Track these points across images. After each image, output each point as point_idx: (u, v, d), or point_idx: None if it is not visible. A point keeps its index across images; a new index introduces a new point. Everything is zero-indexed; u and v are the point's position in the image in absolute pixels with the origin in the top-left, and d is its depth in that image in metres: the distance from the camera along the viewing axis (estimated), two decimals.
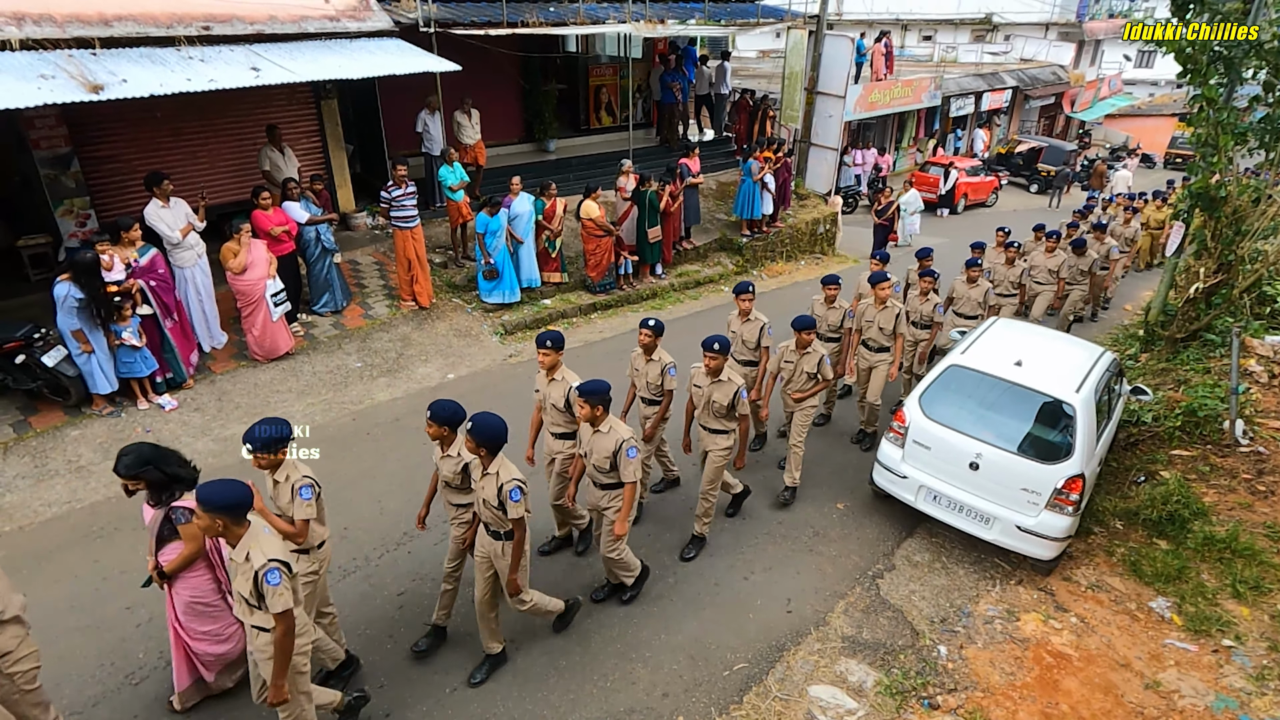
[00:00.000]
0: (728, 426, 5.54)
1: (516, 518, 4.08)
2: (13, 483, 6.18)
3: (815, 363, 6.16)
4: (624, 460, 4.58)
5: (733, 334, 6.66)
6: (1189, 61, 7.51)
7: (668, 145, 14.80)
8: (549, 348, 5.06)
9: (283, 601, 3.27)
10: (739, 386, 5.34)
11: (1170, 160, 29.56)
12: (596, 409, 4.54)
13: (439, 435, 4.37)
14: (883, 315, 7.00)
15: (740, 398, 5.34)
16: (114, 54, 7.18)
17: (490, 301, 9.82)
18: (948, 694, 4.69)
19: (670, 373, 5.63)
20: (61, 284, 6.33)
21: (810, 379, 6.24)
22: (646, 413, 5.89)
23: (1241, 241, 7.95)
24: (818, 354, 6.14)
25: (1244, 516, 6.04)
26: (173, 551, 3.90)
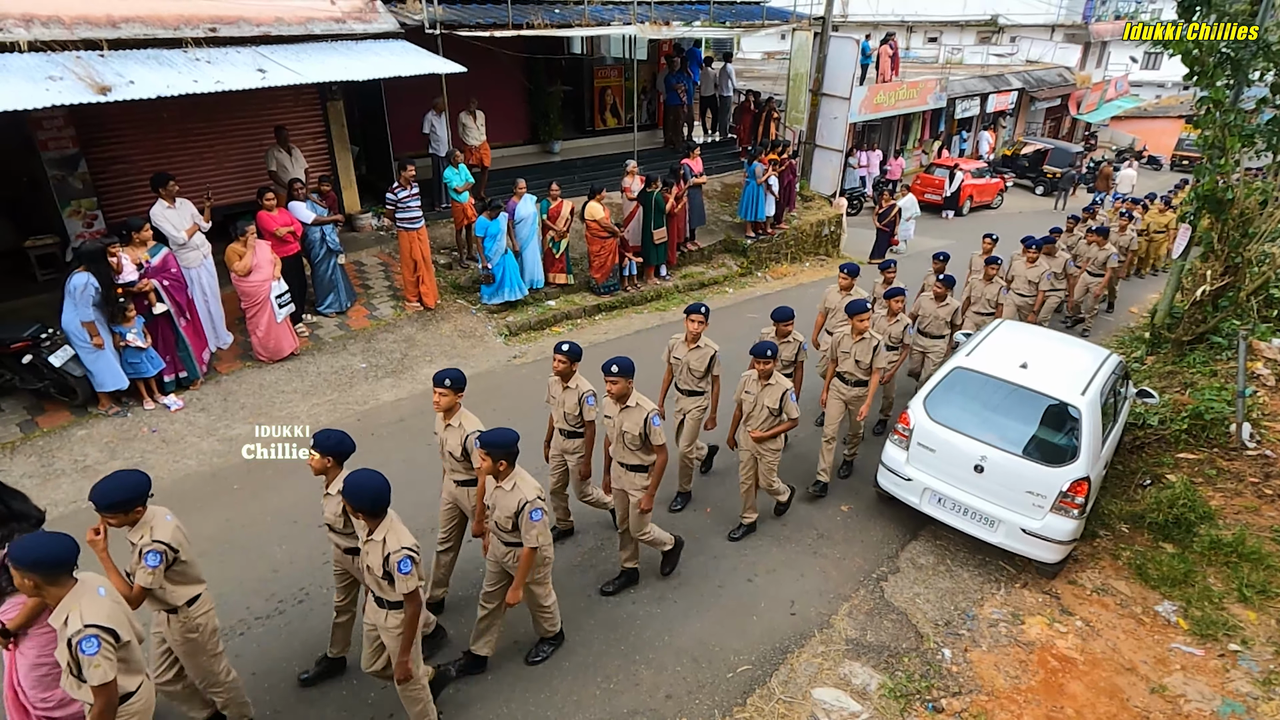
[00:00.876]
0: (645, 461, 4.95)
1: (408, 591, 3.57)
2: (19, 482, 6.19)
3: (778, 397, 5.43)
4: (525, 522, 4.02)
5: (676, 360, 6.05)
6: (1196, 63, 7.49)
7: (673, 147, 14.80)
8: (564, 353, 5.03)
9: (100, 674, 2.86)
10: (648, 412, 4.79)
11: (1177, 162, 29.47)
12: (499, 463, 3.98)
13: (322, 468, 4.00)
14: (860, 347, 6.32)
15: (652, 425, 4.76)
16: (121, 55, 7.21)
17: (493, 304, 9.83)
18: (952, 697, 4.67)
19: (589, 402, 5.14)
20: (79, 274, 6.40)
21: (773, 416, 5.52)
22: (567, 447, 5.35)
23: (1249, 244, 7.92)
24: (780, 387, 5.42)
25: (1251, 520, 6.01)
26: (14, 608, 3.30)
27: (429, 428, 7.30)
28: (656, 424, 4.76)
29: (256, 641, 4.80)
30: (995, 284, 8.41)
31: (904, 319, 7.09)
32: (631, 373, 4.76)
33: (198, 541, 5.58)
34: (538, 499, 4.03)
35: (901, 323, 7.08)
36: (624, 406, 4.80)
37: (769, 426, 5.50)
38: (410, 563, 3.51)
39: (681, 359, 5.96)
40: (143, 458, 6.61)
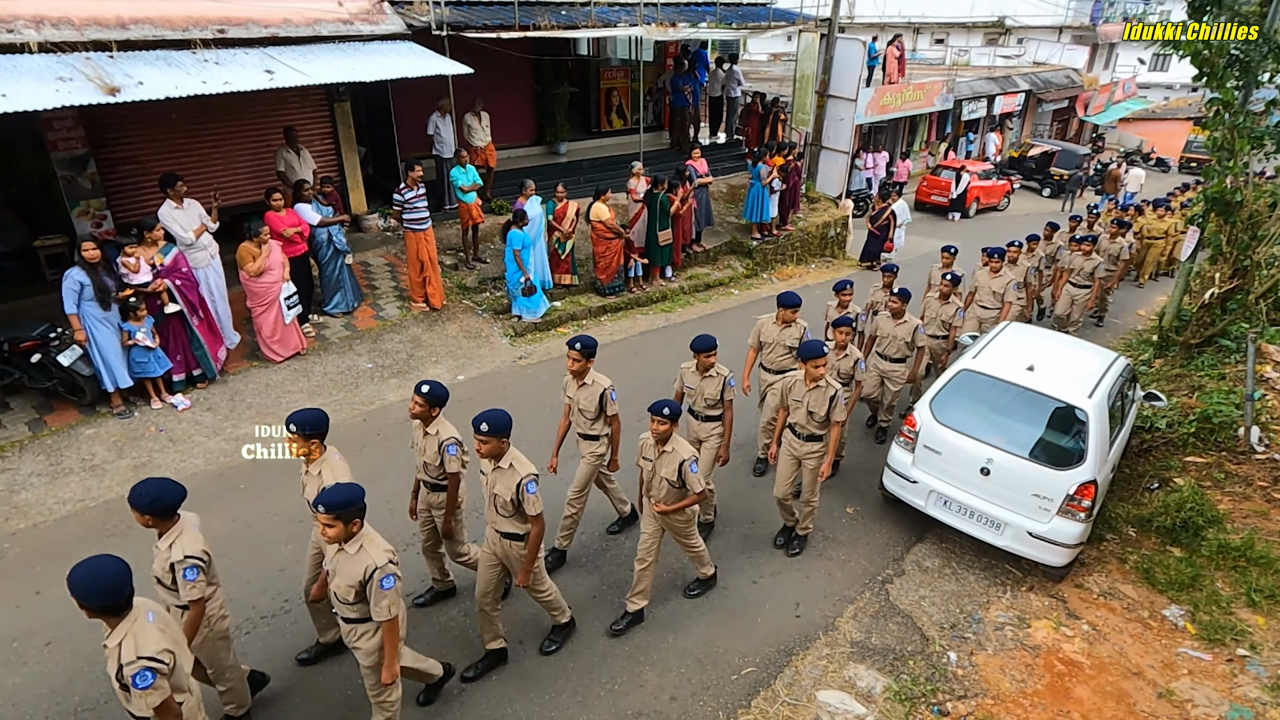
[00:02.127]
0: (822, 432, 5.36)
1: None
2: (28, 480, 6.24)
3: (675, 469, 4.58)
4: (526, 497, 4.08)
5: (691, 390, 5.61)
6: (1205, 64, 7.45)
7: (679, 148, 14.80)
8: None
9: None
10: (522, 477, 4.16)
11: (1185, 164, 29.32)
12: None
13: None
14: (814, 396, 5.37)
15: (526, 493, 4.16)
16: (130, 57, 7.25)
17: (528, 318, 9.77)
18: (957, 701, 4.66)
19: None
20: (73, 269, 6.47)
21: (674, 488, 4.67)
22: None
23: (1258, 246, 7.87)
24: (678, 456, 4.57)
25: (1259, 524, 5.97)
26: None
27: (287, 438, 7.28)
28: (531, 491, 4.11)
29: (262, 640, 4.82)
30: (951, 304, 7.76)
31: (854, 353, 6.32)
32: (506, 431, 4.10)
33: None
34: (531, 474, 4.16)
35: (851, 358, 6.31)
36: (497, 466, 4.15)
37: (673, 500, 4.71)
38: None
39: (695, 388, 5.53)
40: (150, 457, 6.65)
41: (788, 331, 6.48)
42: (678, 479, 4.60)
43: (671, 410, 4.53)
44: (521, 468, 4.12)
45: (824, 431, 5.43)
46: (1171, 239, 14.26)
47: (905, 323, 7.00)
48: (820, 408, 5.34)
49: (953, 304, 7.77)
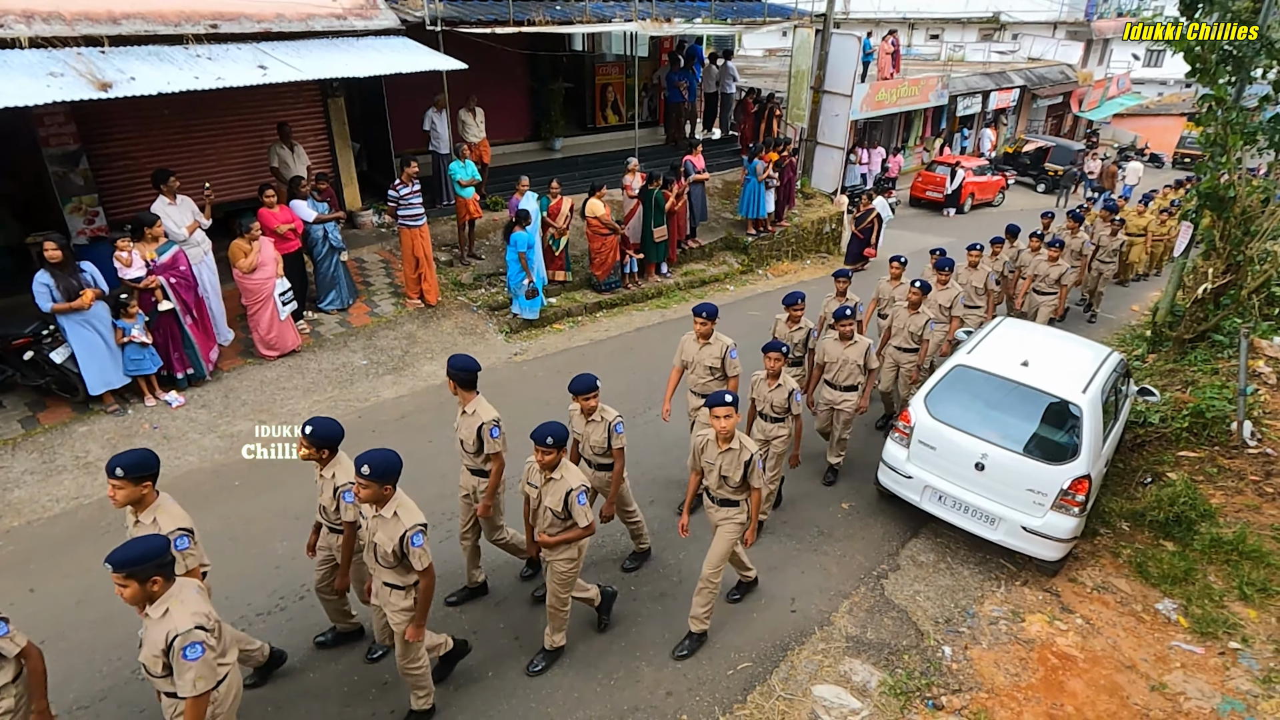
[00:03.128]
0: (739, 497, 4.67)
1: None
2: (21, 478, 6.22)
3: (561, 497, 4.18)
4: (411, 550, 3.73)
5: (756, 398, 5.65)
6: (1198, 61, 7.48)
7: (674, 144, 14.79)
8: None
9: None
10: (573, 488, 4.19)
11: (1179, 160, 29.42)
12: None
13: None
14: (776, 393, 5.54)
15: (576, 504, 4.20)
16: (122, 52, 7.21)
17: (529, 317, 9.74)
18: (952, 694, 4.68)
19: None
20: (39, 272, 6.44)
21: (559, 520, 4.26)
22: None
23: (1250, 242, 7.91)
24: (568, 484, 4.18)
25: (1252, 518, 6.01)
26: None
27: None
28: (417, 544, 3.73)
29: (258, 637, 4.80)
30: (922, 314, 7.10)
31: (788, 383, 5.55)
32: (392, 476, 3.73)
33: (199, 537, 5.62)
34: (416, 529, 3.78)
35: (785, 388, 5.54)
36: (378, 514, 3.76)
37: (558, 531, 4.30)
38: (585, 495, 4.08)
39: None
40: None
41: (798, 332, 6.61)
42: (563, 509, 4.20)
43: (556, 438, 4.10)
44: (408, 518, 3.68)
45: (740, 496, 4.65)
46: (1153, 236, 13.96)
47: (855, 344, 6.29)
48: (781, 401, 5.35)
49: (923, 314, 7.07)
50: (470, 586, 5.23)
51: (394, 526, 3.68)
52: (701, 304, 5.84)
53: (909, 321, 7.17)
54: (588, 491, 4.26)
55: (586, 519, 4.25)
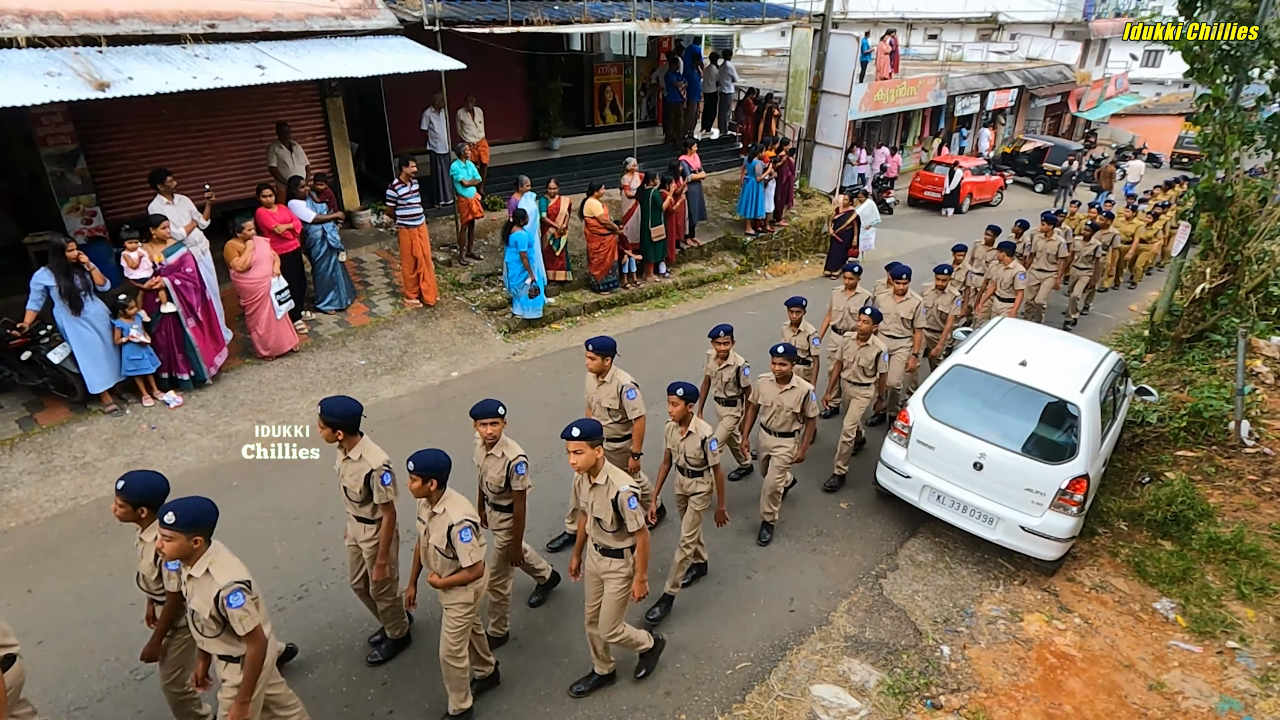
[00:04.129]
0: (620, 545, 4.09)
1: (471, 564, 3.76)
2: (19, 478, 6.21)
3: (444, 534, 3.74)
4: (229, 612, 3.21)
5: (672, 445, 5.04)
6: (1196, 60, 7.49)
7: (673, 144, 14.79)
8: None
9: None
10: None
11: (1176, 160, 29.46)
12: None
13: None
14: (688, 441, 4.83)
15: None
16: (120, 51, 7.20)
17: (530, 316, 9.74)
18: (950, 694, 4.69)
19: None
20: (39, 270, 6.44)
21: (445, 558, 3.80)
22: None
23: (1248, 242, 7.92)
24: (447, 519, 3.74)
25: (1249, 518, 6.02)
26: None
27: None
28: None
29: None
30: (872, 346, 6.46)
31: (701, 429, 4.82)
32: (205, 526, 3.26)
33: None
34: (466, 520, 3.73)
35: (699, 435, 4.79)
36: (190, 575, 3.27)
37: (448, 571, 3.84)
38: (470, 532, 3.68)
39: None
40: (142, 454, 6.62)
41: (726, 370, 6.00)
42: (448, 546, 3.76)
43: (432, 468, 3.71)
44: (221, 575, 3.20)
45: (623, 544, 4.12)
46: (1140, 240, 13.69)
47: (792, 389, 5.59)
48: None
49: (874, 346, 6.46)
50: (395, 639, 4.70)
51: (207, 586, 3.21)
52: (593, 338, 5.15)
53: (859, 354, 6.51)
54: (473, 527, 3.76)
55: (470, 559, 3.74)
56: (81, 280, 6.57)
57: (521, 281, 9.39)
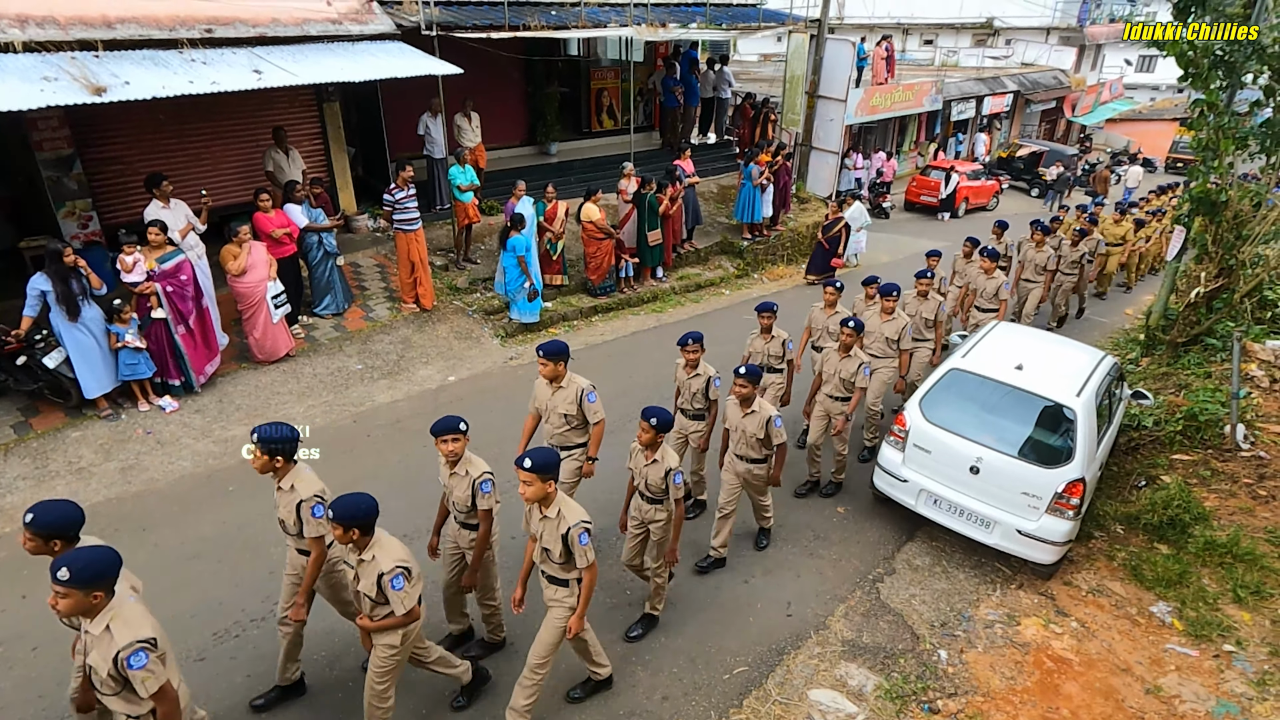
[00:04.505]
0: (567, 576, 3.94)
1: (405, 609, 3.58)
2: (13, 484, 6.18)
3: (374, 581, 3.54)
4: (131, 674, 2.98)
5: None
6: (1190, 65, 7.53)
7: (670, 149, 14.82)
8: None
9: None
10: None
11: (1171, 164, 29.59)
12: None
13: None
14: (652, 469, 4.55)
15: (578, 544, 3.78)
16: (117, 56, 7.20)
17: (527, 320, 9.73)
18: (948, 698, 4.68)
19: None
20: (36, 274, 6.43)
21: (377, 604, 3.62)
22: None
23: (1243, 246, 7.96)
24: (380, 566, 3.53)
25: (1245, 521, 6.03)
26: None
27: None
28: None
29: (252, 644, 4.79)
30: (854, 358, 6.24)
31: (667, 459, 4.53)
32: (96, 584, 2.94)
33: (193, 543, 5.60)
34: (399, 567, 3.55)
35: (664, 464, 4.52)
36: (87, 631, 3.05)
37: (380, 617, 3.66)
38: (403, 578, 3.49)
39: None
40: (137, 459, 6.60)
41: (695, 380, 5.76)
42: (378, 593, 3.55)
43: (352, 516, 3.46)
44: (122, 634, 2.93)
45: (569, 575, 3.96)
46: (1128, 248, 13.35)
47: (754, 413, 5.22)
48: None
49: (855, 358, 6.23)
50: (282, 685, 4.38)
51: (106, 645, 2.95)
52: (544, 343, 4.98)
53: (840, 367, 6.26)
54: (405, 574, 3.56)
55: (404, 606, 3.57)
56: (79, 285, 6.55)
57: (519, 285, 9.39)
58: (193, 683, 4.45)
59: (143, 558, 5.49)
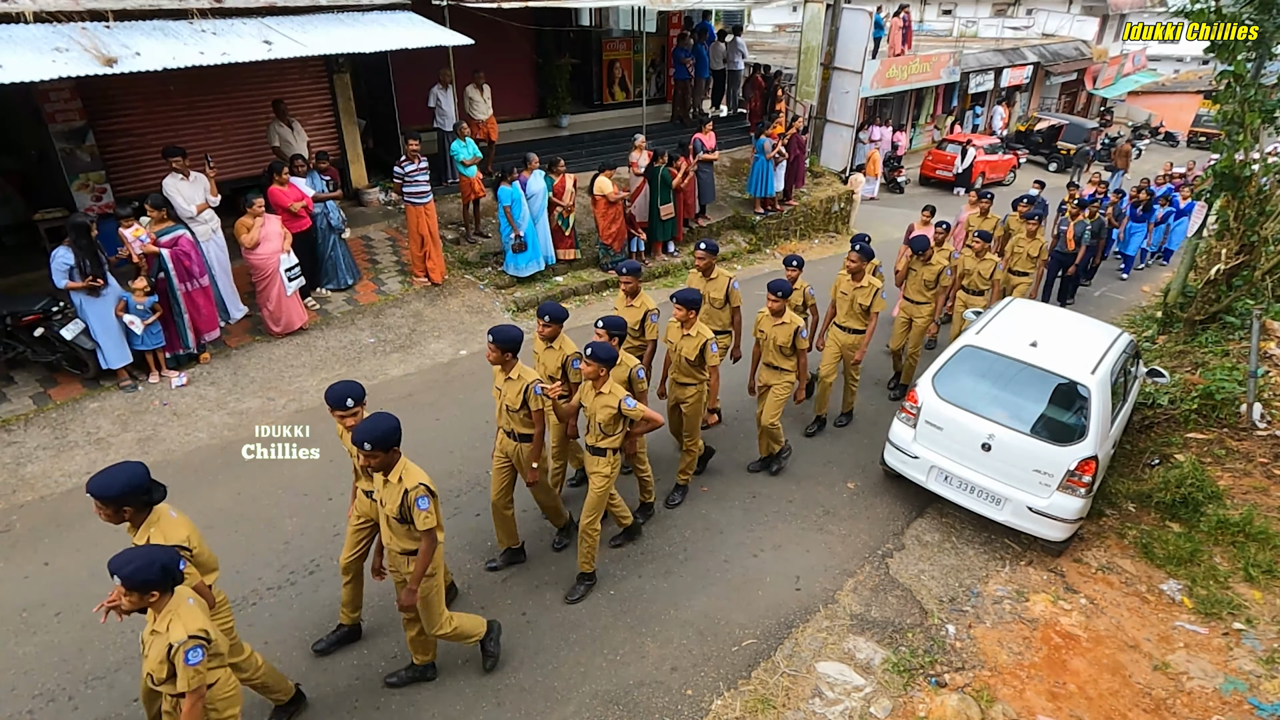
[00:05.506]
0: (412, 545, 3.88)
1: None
2: (34, 453, 6.29)
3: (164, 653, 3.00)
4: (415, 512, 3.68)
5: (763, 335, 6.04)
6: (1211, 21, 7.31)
7: (680, 121, 14.66)
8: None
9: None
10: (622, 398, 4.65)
11: (1194, 139, 29.00)
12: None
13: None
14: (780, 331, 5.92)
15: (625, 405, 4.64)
16: (127, 26, 7.15)
17: (521, 274, 9.84)
18: (955, 672, 4.72)
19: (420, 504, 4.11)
20: (58, 248, 6.46)
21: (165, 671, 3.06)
22: None
23: (1265, 222, 7.81)
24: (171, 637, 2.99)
25: (1259, 500, 6.00)
26: None
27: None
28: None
29: (269, 611, 4.88)
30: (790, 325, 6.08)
31: (617, 391, 4.74)
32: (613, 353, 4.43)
33: (209, 514, 5.68)
34: None
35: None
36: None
37: None
38: (200, 651, 3.01)
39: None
40: (154, 430, 6.68)
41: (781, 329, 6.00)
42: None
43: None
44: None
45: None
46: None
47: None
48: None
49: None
50: None
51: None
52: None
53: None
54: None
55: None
56: (103, 257, 6.60)
57: (507, 235, 9.53)
58: None
59: None
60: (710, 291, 6.40)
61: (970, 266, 8.26)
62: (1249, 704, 4.51)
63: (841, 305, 6.91)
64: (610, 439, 4.79)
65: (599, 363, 4.59)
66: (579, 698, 4.40)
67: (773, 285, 5.85)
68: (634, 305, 5.95)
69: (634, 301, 5.95)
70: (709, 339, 5.47)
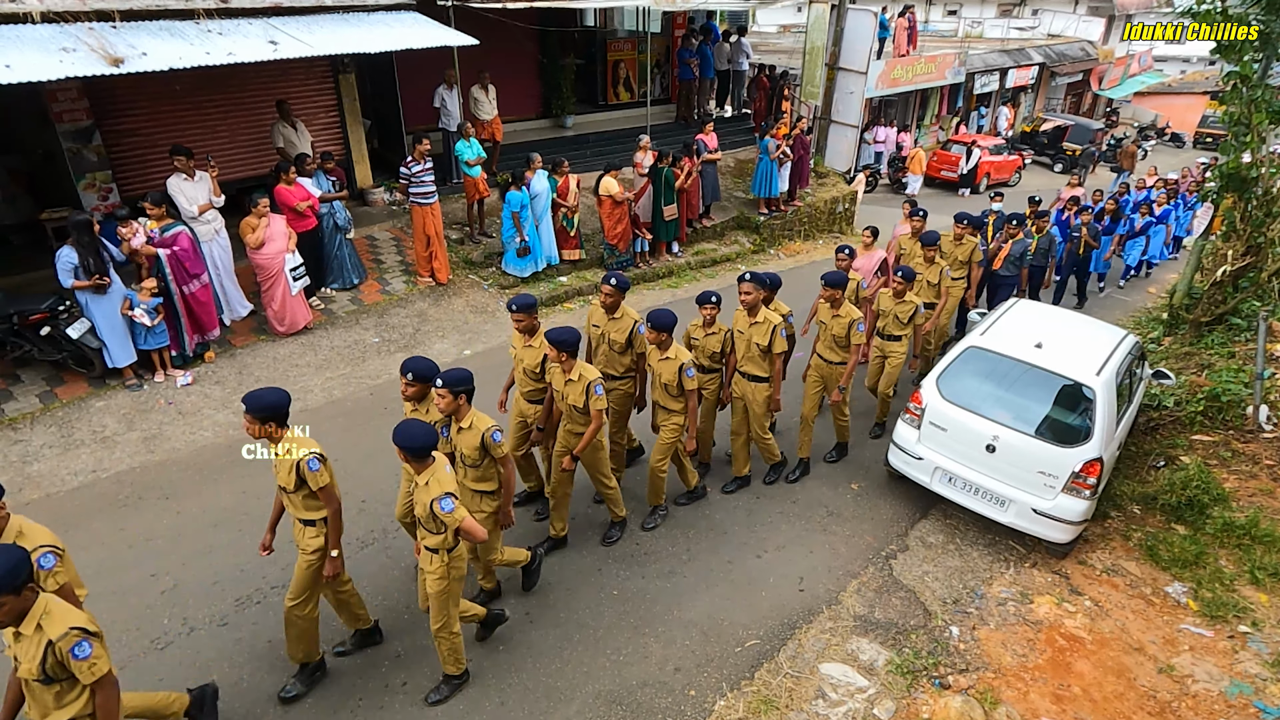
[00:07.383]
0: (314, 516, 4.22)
1: None
2: (40, 452, 6.31)
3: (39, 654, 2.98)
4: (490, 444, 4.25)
5: None
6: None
7: (685, 121, 14.65)
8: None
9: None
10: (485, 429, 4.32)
11: (1200, 140, 28.89)
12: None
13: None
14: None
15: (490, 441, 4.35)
16: (134, 26, 7.19)
17: (520, 275, 9.88)
18: (959, 674, 4.71)
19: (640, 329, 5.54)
20: (63, 247, 6.48)
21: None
22: None
23: (1272, 224, 7.78)
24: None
25: (1265, 503, 5.98)
26: None
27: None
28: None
29: (273, 610, 4.89)
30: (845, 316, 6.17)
31: (588, 374, 4.88)
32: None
33: (214, 511, 5.70)
34: None
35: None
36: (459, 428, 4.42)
37: None
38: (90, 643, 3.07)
39: None
40: (160, 429, 6.70)
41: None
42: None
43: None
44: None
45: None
46: None
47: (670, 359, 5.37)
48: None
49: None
50: None
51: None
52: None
53: None
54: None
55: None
56: (108, 256, 6.62)
57: (511, 238, 9.55)
58: (215, 647, 4.60)
59: (166, 524, 5.62)
60: (611, 332, 5.56)
61: (886, 307, 6.87)
62: (1255, 707, 4.49)
63: (823, 336, 6.33)
64: (679, 399, 5.36)
65: (659, 329, 5.19)
66: (582, 698, 4.40)
67: (827, 277, 6.23)
68: (616, 318, 5.52)
69: (615, 315, 5.52)
70: (684, 362, 5.21)
